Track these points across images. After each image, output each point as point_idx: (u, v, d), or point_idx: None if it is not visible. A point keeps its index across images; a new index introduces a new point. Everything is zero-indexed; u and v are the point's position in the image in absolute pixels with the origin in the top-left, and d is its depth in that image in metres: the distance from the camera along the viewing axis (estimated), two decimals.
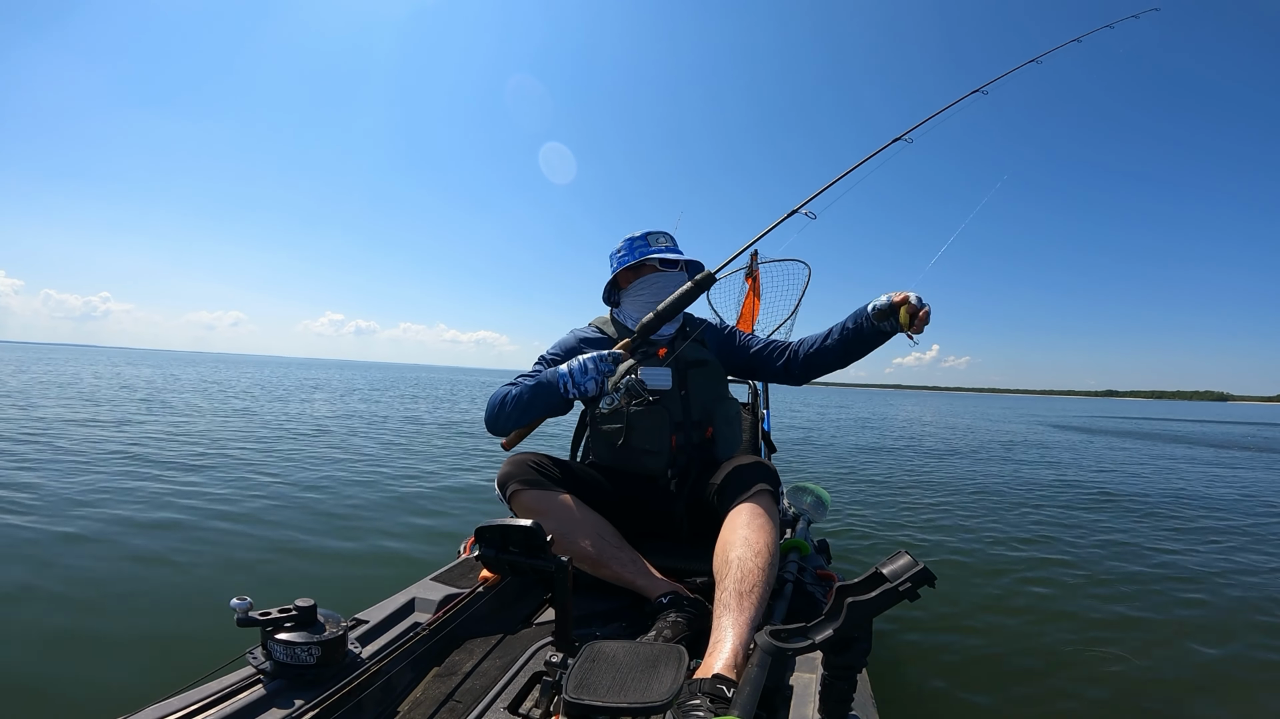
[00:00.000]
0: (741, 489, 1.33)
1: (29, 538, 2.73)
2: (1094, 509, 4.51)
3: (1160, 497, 5.25)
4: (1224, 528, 4.05)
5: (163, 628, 2.00)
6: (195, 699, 0.87)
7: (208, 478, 4.19)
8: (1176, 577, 2.85)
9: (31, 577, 2.33)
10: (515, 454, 1.46)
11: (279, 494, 3.87)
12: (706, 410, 1.60)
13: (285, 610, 0.97)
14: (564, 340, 1.69)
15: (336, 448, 6.01)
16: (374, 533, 3.18)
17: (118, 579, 2.36)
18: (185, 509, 3.36)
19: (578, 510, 1.38)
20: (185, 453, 5.13)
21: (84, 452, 4.88)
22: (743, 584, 1.12)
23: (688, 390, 1.59)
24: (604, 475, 1.58)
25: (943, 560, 3.01)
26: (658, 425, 1.54)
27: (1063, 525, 3.88)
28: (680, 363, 1.59)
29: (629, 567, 1.35)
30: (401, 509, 3.71)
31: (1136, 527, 3.98)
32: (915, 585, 0.81)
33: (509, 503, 1.40)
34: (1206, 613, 2.41)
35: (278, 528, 3.14)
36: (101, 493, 3.60)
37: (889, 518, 3.98)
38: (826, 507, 2.27)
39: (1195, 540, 3.66)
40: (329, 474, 4.60)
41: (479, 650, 1.17)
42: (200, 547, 2.78)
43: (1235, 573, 2.97)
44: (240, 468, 4.62)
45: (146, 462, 4.63)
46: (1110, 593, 2.59)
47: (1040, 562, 3.01)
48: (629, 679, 0.81)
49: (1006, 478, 6.06)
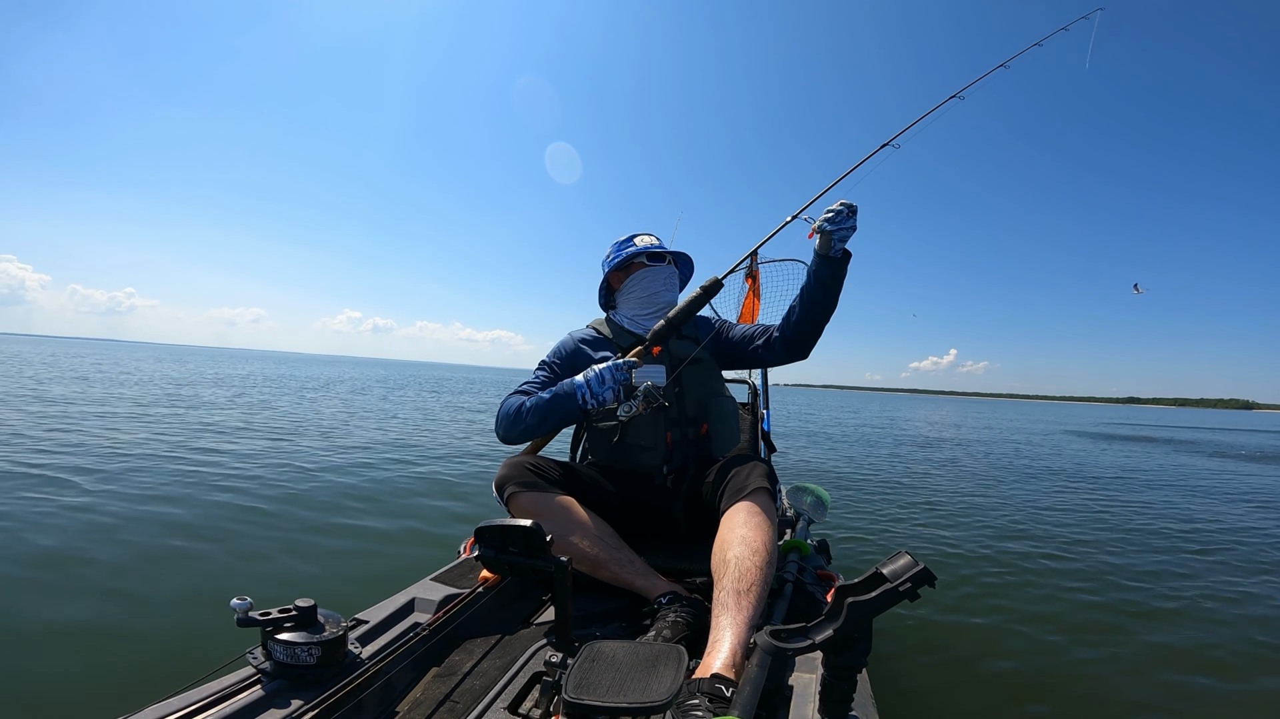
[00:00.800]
0: (739, 488, 1.33)
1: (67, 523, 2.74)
2: (1097, 512, 4.52)
3: (1168, 500, 5.23)
4: (1235, 531, 4.04)
5: (163, 628, 2.01)
6: (195, 699, 0.87)
7: (268, 470, 4.20)
8: (1183, 576, 2.85)
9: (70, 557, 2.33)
10: (512, 456, 1.46)
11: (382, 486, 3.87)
12: (701, 406, 1.61)
13: (285, 610, 0.97)
14: (563, 345, 1.69)
15: (400, 447, 6.01)
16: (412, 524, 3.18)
17: (127, 577, 2.37)
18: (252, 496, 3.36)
19: (575, 512, 1.38)
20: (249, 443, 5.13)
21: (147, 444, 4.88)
22: (741, 583, 1.12)
23: (681, 387, 1.59)
24: (602, 475, 1.58)
25: (943, 560, 3.01)
26: (653, 421, 1.54)
27: (1065, 527, 3.89)
28: (674, 359, 1.59)
29: (628, 567, 1.35)
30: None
31: (1142, 529, 3.98)
32: (915, 585, 0.81)
33: (506, 505, 1.40)
34: (1216, 615, 2.41)
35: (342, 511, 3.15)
36: (168, 486, 3.60)
37: (889, 518, 3.99)
38: (826, 507, 2.27)
39: (1210, 549, 3.64)
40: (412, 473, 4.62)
41: (479, 650, 1.17)
42: (226, 541, 2.79)
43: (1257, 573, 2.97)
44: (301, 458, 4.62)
45: (221, 452, 4.63)
46: (1114, 593, 2.59)
47: (1042, 562, 3.01)
48: (629, 679, 0.81)
49: (1010, 480, 6.08)
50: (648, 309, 1.66)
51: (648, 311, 1.66)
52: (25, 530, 2.83)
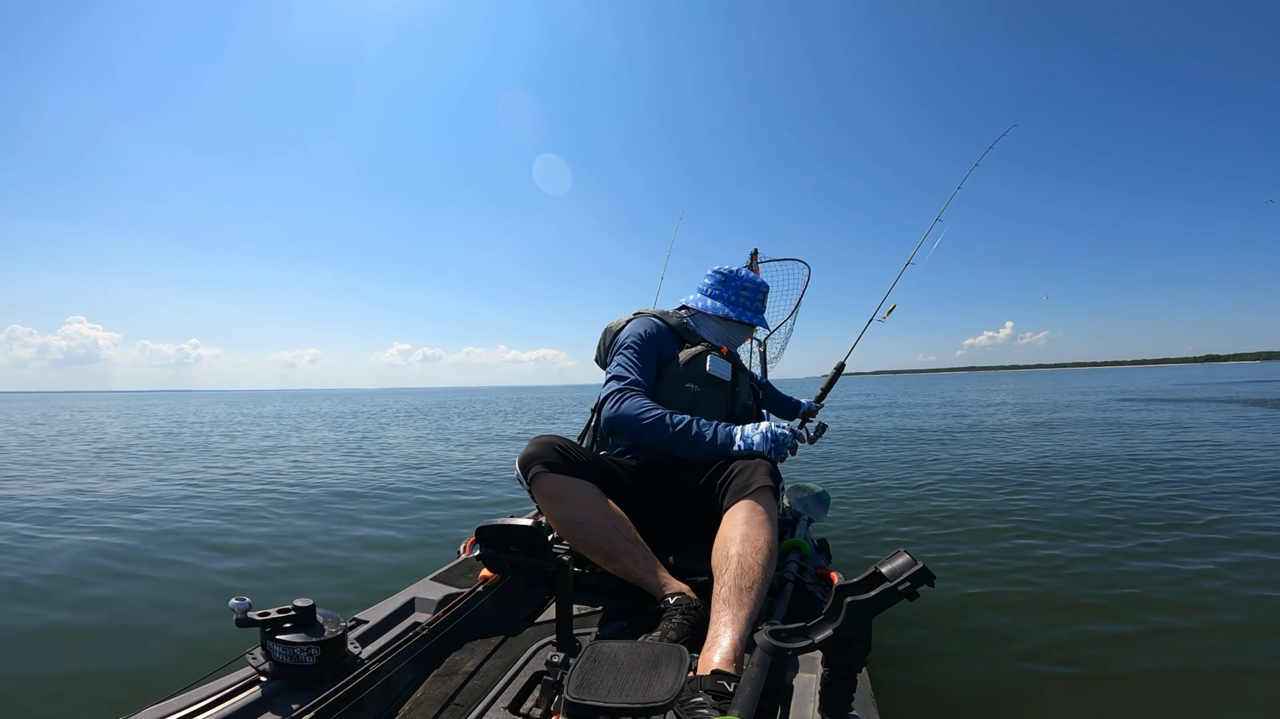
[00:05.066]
0: (743, 486, 1.33)
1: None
2: (1120, 499, 4.24)
3: (1209, 477, 4.70)
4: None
5: (165, 627, 2.00)
6: (194, 700, 0.87)
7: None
8: (1206, 572, 2.73)
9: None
10: (540, 436, 1.41)
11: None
12: (746, 408, 1.85)
13: (284, 611, 0.96)
14: (648, 334, 1.72)
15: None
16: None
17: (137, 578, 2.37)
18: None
19: (598, 500, 1.36)
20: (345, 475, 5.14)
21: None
22: (742, 580, 1.12)
23: (739, 387, 1.81)
24: (623, 467, 1.57)
25: (943, 559, 3.00)
26: (717, 409, 1.72)
27: (1075, 521, 3.82)
28: (735, 362, 1.84)
29: (640, 563, 1.33)
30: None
31: (1167, 515, 3.66)
32: (915, 585, 0.81)
33: (529, 484, 1.35)
34: (1230, 612, 2.32)
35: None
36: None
37: (890, 517, 3.98)
38: (827, 506, 2.27)
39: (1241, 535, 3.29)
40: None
41: (479, 650, 1.17)
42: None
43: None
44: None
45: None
46: (1120, 591, 2.57)
47: (1051, 558, 2.99)
48: (630, 679, 0.81)
49: (1025, 467, 5.63)
50: (725, 340, 1.90)
51: (724, 340, 1.90)
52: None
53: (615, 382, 1.61)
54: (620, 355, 1.68)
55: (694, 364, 1.70)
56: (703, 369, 1.70)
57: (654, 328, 1.75)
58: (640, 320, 1.78)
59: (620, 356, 1.68)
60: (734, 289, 1.87)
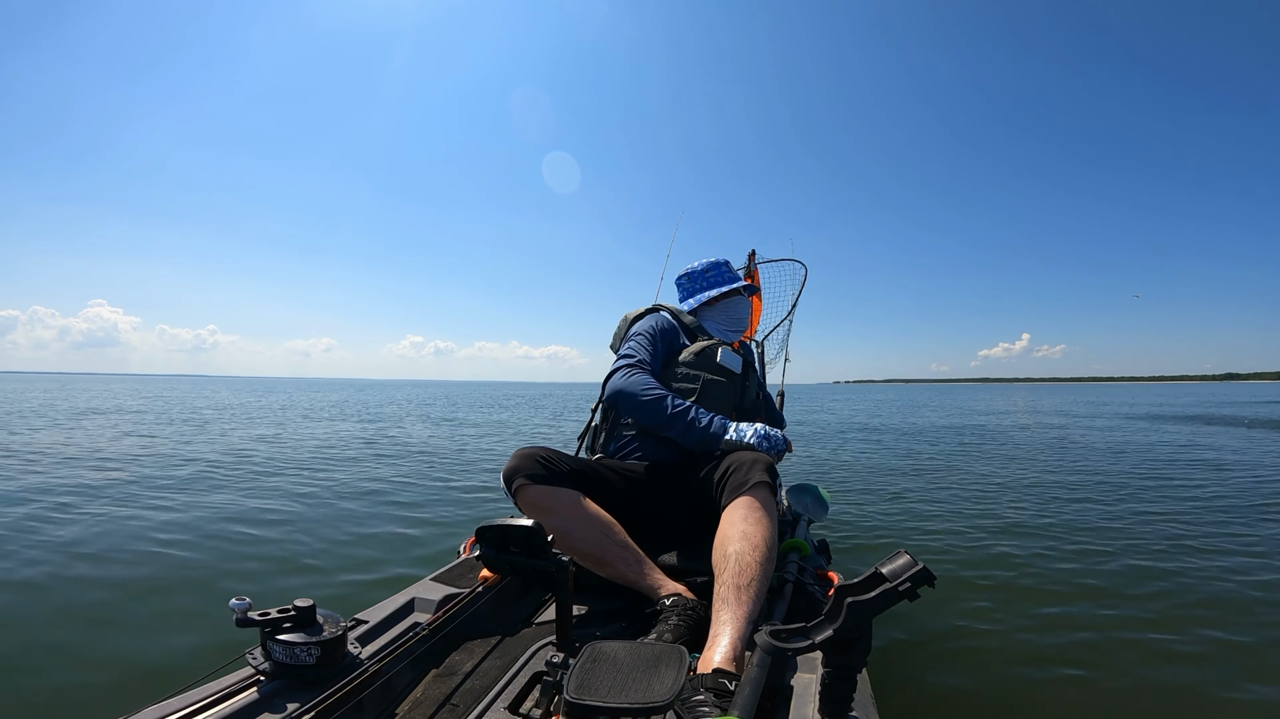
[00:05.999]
0: (740, 483, 1.33)
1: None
2: (1116, 505, 4.29)
3: (1216, 493, 4.65)
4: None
5: (165, 627, 2.00)
6: (194, 700, 0.87)
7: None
8: (1204, 576, 2.76)
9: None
10: (523, 448, 1.44)
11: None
12: (753, 403, 1.90)
13: (284, 611, 0.96)
14: (658, 327, 1.81)
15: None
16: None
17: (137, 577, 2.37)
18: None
19: (583, 507, 1.37)
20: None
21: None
22: (741, 578, 1.12)
23: (749, 383, 1.89)
24: (613, 471, 1.58)
25: (944, 559, 3.00)
26: (725, 400, 1.76)
27: (1077, 522, 3.82)
28: (746, 358, 1.93)
29: (633, 566, 1.33)
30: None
31: (1161, 526, 3.79)
32: (915, 585, 0.81)
33: (514, 497, 1.38)
34: (1227, 615, 2.34)
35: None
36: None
37: (890, 517, 3.98)
38: (827, 507, 2.27)
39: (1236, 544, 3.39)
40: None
41: (479, 651, 1.17)
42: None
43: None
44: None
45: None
46: (1121, 595, 2.57)
47: (1049, 560, 2.99)
48: (630, 679, 0.81)
49: (1029, 473, 5.75)
50: (734, 326, 1.97)
51: (733, 328, 1.97)
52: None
53: (624, 359, 1.70)
54: (632, 340, 1.77)
55: (705, 354, 1.78)
56: (714, 359, 1.77)
57: (668, 322, 1.86)
58: (655, 315, 1.88)
59: (632, 342, 1.76)
60: (698, 278, 1.99)
